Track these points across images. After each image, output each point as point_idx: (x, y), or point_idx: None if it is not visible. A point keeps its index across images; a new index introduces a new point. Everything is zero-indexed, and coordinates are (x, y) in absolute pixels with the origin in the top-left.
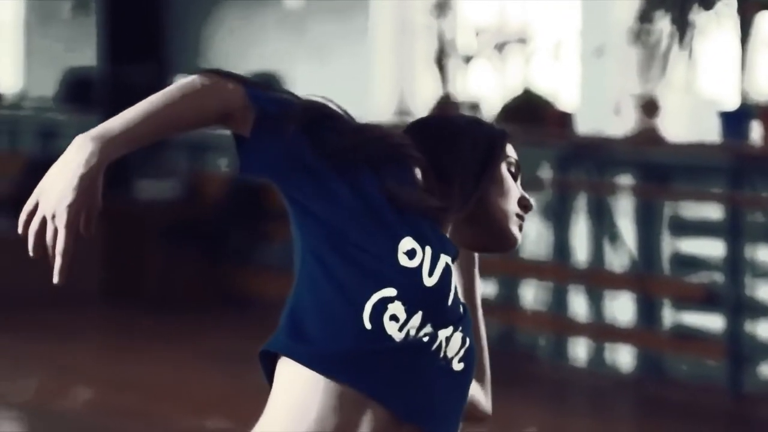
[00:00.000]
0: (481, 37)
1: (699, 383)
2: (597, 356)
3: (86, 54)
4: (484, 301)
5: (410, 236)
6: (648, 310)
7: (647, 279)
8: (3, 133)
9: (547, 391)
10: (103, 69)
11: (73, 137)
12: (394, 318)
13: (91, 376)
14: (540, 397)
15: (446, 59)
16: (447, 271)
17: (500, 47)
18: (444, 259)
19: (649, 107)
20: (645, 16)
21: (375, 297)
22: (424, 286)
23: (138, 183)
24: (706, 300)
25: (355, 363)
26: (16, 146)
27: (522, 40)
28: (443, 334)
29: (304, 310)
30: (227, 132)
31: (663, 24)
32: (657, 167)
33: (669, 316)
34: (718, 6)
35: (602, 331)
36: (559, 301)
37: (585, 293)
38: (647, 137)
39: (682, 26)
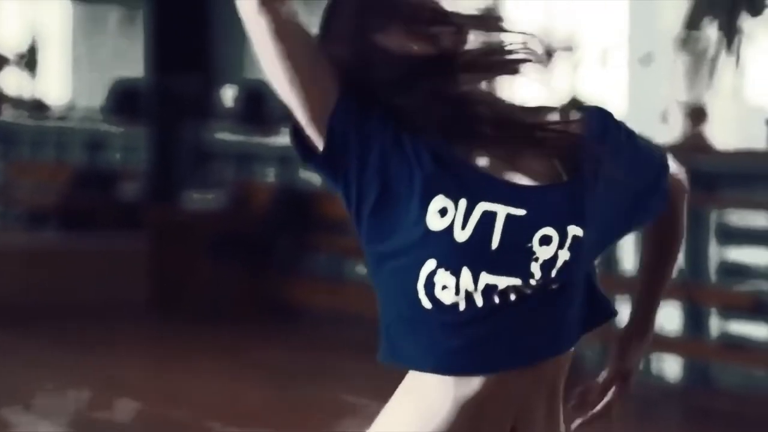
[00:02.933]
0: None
1: (746, 393)
2: (644, 365)
3: (134, 65)
4: None
5: (442, 193)
6: (695, 319)
7: (694, 288)
8: (50, 144)
9: None
10: (150, 80)
11: (121, 148)
12: (445, 288)
13: (139, 388)
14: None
15: None
16: (486, 219)
17: (548, 55)
18: (482, 207)
19: (697, 114)
20: (692, 23)
21: (421, 276)
22: (457, 242)
23: (185, 194)
24: (754, 309)
25: (456, 351)
26: (63, 157)
27: (569, 48)
28: (506, 278)
29: (386, 320)
30: (274, 142)
31: (710, 31)
32: (704, 175)
33: (716, 325)
34: (766, 12)
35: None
36: None
37: (630, 302)
38: (695, 144)
39: (730, 33)
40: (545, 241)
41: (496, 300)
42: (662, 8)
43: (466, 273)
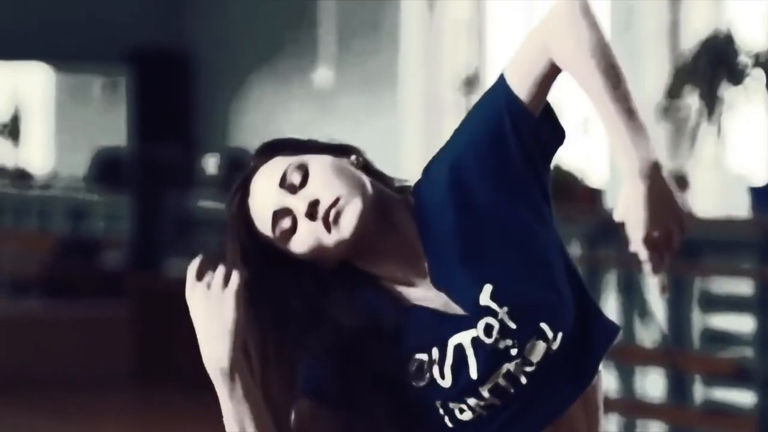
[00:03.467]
0: None
1: None
2: None
3: (116, 134)
4: None
5: (416, 352)
6: (678, 386)
7: (677, 354)
8: (33, 213)
9: None
10: (132, 148)
11: (104, 217)
12: (463, 411)
13: None
14: None
15: None
16: (458, 355)
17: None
18: (452, 342)
19: (679, 183)
20: (673, 92)
21: (438, 407)
22: (445, 388)
23: (168, 262)
24: (737, 375)
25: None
26: (46, 226)
27: None
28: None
29: None
30: None
31: (692, 100)
32: (687, 243)
33: (700, 391)
34: (746, 81)
35: (633, 407)
36: None
37: (615, 368)
38: None
39: (711, 101)
40: (502, 331)
41: (511, 389)
42: (643, 77)
43: (470, 400)
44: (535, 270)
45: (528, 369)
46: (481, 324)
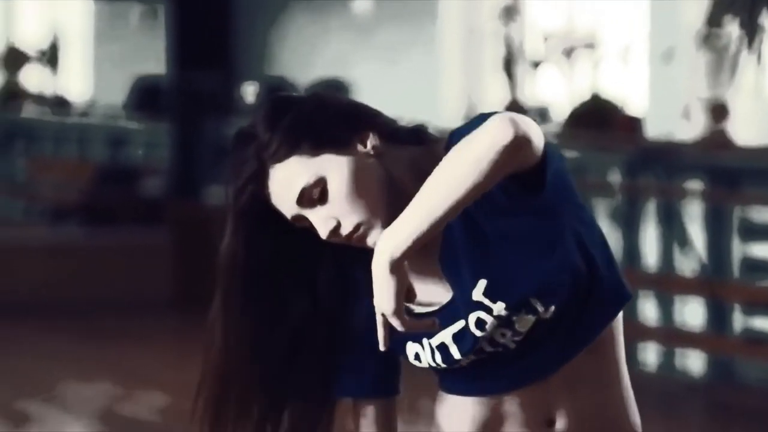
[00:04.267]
0: (549, 42)
1: None
2: (667, 361)
3: (155, 61)
4: None
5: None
6: (718, 315)
7: (717, 283)
8: (72, 141)
9: None
10: (171, 76)
11: (142, 145)
12: (417, 358)
13: (160, 381)
14: None
15: (514, 65)
16: (442, 350)
17: (568, 52)
18: (437, 340)
19: (719, 111)
20: (713, 20)
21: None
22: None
23: (206, 189)
24: None
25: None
26: (85, 153)
27: (590, 45)
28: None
29: None
30: None
31: (732, 28)
32: (726, 171)
33: (739, 320)
34: None
35: (672, 336)
36: (629, 306)
37: (655, 298)
38: (716, 141)
39: (751, 30)
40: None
41: (499, 349)
42: (683, 5)
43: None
44: (537, 263)
45: (516, 338)
46: (472, 318)
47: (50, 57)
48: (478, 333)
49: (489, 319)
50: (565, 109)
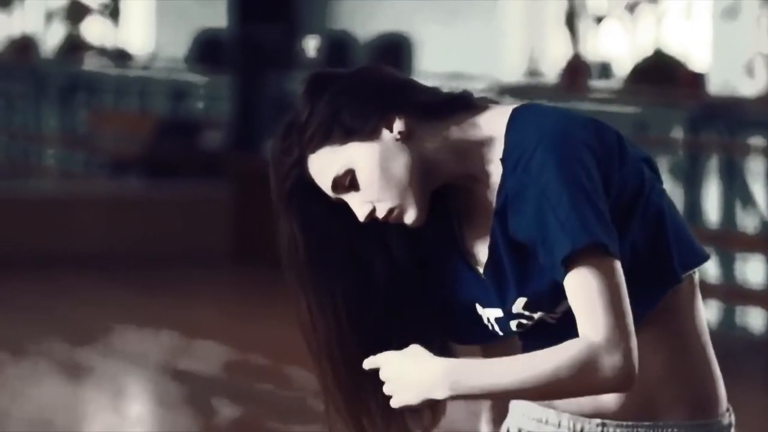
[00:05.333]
0: None
1: None
2: (728, 318)
3: (217, 14)
4: None
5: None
6: None
7: None
8: (133, 93)
9: None
10: (234, 29)
11: (203, 98)
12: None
13: (219, 334)
14: None
15: (577, 19)
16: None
17: (631, 7)
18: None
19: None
20: None
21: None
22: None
23: (267, 144)
24: None
25: None
26: (146, 106)
27: (653, 0)
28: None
29: None
30: None
31: None
32: None
33: None
34: None
35: (733, 293)
36: None
37: (716, 255)
38: None
39: None
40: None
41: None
42: None
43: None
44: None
45: (554, 316)
46: (513, 323)
47: (112, 9)
48: (518, 330)
49: (530, 322)
50: (628, 64)
